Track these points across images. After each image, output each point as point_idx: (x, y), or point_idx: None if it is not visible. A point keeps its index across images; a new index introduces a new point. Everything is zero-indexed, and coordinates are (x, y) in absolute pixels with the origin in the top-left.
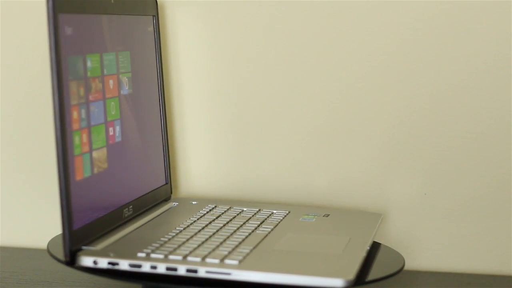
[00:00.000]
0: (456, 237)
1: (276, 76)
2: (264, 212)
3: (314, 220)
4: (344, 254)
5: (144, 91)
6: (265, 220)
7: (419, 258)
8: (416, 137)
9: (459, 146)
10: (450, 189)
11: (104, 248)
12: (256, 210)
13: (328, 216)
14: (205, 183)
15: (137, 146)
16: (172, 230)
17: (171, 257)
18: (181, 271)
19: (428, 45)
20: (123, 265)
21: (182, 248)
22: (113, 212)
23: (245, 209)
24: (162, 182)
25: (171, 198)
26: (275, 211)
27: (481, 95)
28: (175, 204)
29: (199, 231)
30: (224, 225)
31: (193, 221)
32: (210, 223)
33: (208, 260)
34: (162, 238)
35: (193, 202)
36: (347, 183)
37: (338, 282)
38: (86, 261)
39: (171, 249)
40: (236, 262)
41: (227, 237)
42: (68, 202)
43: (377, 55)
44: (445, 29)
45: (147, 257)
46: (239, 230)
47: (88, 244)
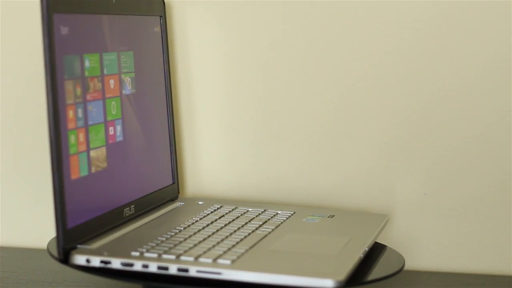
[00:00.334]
0: (456, 237)
1: (280, 77)
2: (269, 213)
3: (318, 221)
4: (340, 255)
5: (149, 91)
6: (268, 220)
7: (419, 258)
8: (416, 137)
9: (459, 146)
10: (450, 189)
11: (100, 247)
12: (261, 211)
13: (333, 217)
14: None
15: (140, 146)
16: (172, 230)
17: (165, 256)
18: (173, 270)
19: (428, 45)
20: (115, 263)
21: (177, 247)
22: (112, 212)
23: (250, 209)
24: (168, 182)
25: (178, 198)
26: (280, 212)
27: (481, 95)
28: (180, 204)
29: (198, 231)
30: (225, 225)
31: (195, 221)
32: (211, 223)
33: (201, 259)
34: (160, 238)
35: (200, 202)
36: (347, 184)
37: (328, 283)
38: (79, 260)
39: (166, 248)
40: (228, 262)
41: (226, 237)
42: (62, 201)
43: (378, 55)
44: (445, 29)
45: (141, 256)
46: (239, 230)
47: (84, 242)
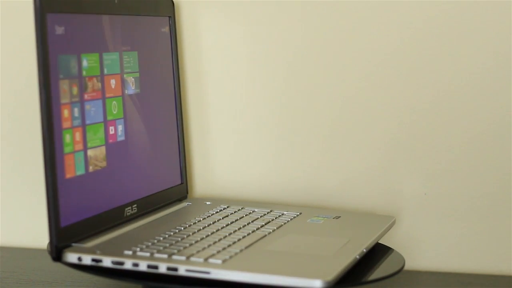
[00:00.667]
0: (456, 237)
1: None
2: (274, 213)
3: (322, 222)
4: (335, 255)
5: (156, 91)
6: (272, 221)
7: (419, 258)
8: (416, 137)
9: (460, 146)
10: (450, 189)
11: (96, 245)
12: (267, 211)
13: (338, 218)
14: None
15: (145, 145)
16: (171, 229)
17: (157, 255)
18: (162, 269)
19: (429, 45)
20: (106, 262)
21: (172, 246)
22: (112, 211)
23: (256, 210)
24: (177, 182)
25: (186, 198)
26: (286, 212)
27: (482, 95)
28: (188, 204)
29: (198, 230)
30: (226, 225)
31: (197, 220)
32: (213, 223)
33: (192, 259)
34: (157, 237)
35: (207, 203)
36: (350, 185)
37: (317, 283)
38: (71, 258)
39: (161, 247)
40: (219, 262)
41: (224, 237)
42: (55, 199)
43: (379, 55)
44: (445, 29)
45: (133, 254)
46: (240, 230)
47: (81, 240)
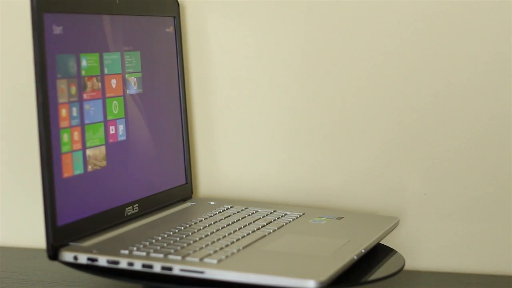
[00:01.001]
0: (456, 237)
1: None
2: (277, 214)
3: (324, 222)
4: (332, 256)
5: (160, 91)
6: (273, 221)
7: (419, 258)
8: (416, 137)
9: (459, 146)
10: (450, 189)
11: (94, 244)
12: (270, 211)
13: (341, 218)
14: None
15: (147, 145)
16: (171, 229)
17: (153, 255)
18: (157, 268)
19: (429, 45)
20: (102, 261)
21: (170, 246)
22: (112, 210)
23: (260, 210)
24: (181, 182)
25: (191, 198)
26: (289, 213)
27: (481, 95)
28: (192, 204)
29: (198, 230)
30: (227, 225)
31: (198, 220)
32: (214, 223)
33: (188, 258)
34: (155, 236)
35: (211, 203)
36: (350, 185)
37: (309, 283)
38: (67, 257)
39: (158, 247)
40: (214, 262)
41: (223, 237)
42: (52, 198)
43: (380, 55)
44: (445, 29)
45: (129, 254)
46: (240, 230)
47: (79, 239)
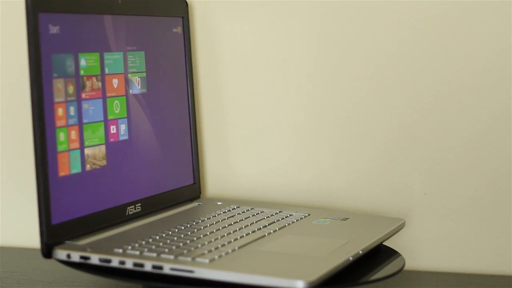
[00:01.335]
0: (456, 237)
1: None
2: (282, 214)
3: (328, 223)
4: (326, 256)
5: (166, 91)
6: (277, 221)
7: (419, 258)
8: (416, 137)
9: (459, 146)
10: (450, 189)
11: (91, 243)
12: (275, 212)
13: (346, 220)
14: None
15: (151, 145)
16: (171, 228)
17: (146, 253)
18: (148, 267)
19: (428, 45)
20: (94, 259)
21: (164, 245)
22: (112, 209)
23: (265, 210)
24: (189, 182)
25: (199, 198)
26: (294, 213)
27: (481, 95)
28: (198, 204)
29: (197, 230)
30: (229, 225)
31: (200, 220)
32: (216, 223)
33: (180, 258)
34: (153, 236)
35: (218, 203)
36: (354, 185)
37: (298, 284)
38: (60, 255)
39: (153, 246)
40: (206, 261)
41: (221, 236)
42: (46, 197)
43: (380, 55)
44: (445, 29)
45: (123, 253)
46: (240, 230)
47: (77, 238)
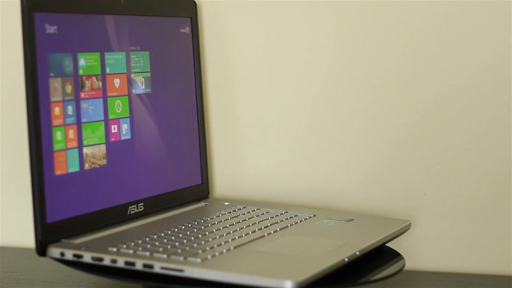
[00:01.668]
0: (456, 237)
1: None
2: (288, 215)
3: (332, 224)
4: (320, 257)
5: (173, 91)
6: (279, 222)
7: (419, 258)
8: (416, 137)
9: (459, 146)
10: (450, 189)
11: (88, 241)
12: (280, 212)
13: (351, 221)
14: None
15: (155, 144)
16: (171, 228)
17: (139, 252)
18: (139, 266)
19: (428, 45)
20: (87, 258)
21: (160, 244)
22: (112, 208)
23: (271, 210)
24: (196, 182)
25: (208, 198)
26: (300, 214)
27: (482, 95)
28: (205, 204)
29: (197, 230)
30: (230, 225)
31: (202, 220)
32: (218, 223)
33: (172, 257)
34: (151, 235)
35: (225, 203)
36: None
37: (286, 284)
38: (54, 253)
39: (148, 245)
40: (198, 260)
41: (220, 236)
42: (41, 195)
43: (380, 55)
44: (445, 29)
45: (117, 251)
46: (241, 230)
47: (75, 236)
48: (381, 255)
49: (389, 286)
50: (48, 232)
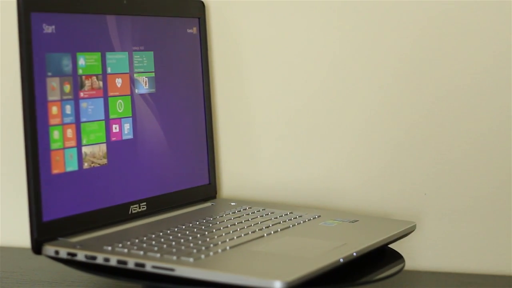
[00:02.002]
0: (456, 237)
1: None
2: (292, 215)
3: (335, 225)
4: (315, 257)
5: (179, 91)
6: (282, 222)
7: (419, 258)
8: (416, 137)
9: (460, 146)
10: (450, 189)
11: (85, 240)
12: (285, 213)
13: (355, 222)
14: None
15: (159, 144)
16: (171, 228)
17: (134, 251)
18: (130, 264)
19: (429, 45)
20: (80, 256)
21: (157, 244)
22: (113, 208)
23: (276, 211)
24: (203, 182)
25: (215, 198)
26: (304, 215)
27: (482, 96)
28: (212, 204)
29: (197, 230)
30: (231, 225)
31: (205, 220)
32: (219, 223)
33: (165, 256)
34: (149, 234)
35: (232, 203)
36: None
37: (276, 284)
38: (49, 251)
39: (144, 244)
40: (191, 260)
41: (218, 236)
42: (37, 194)
43: (380, 56)
44: (447, 30)
45: (112, 250)
46: (241, 230)
47: (71, 235)
48: (381, 255)
49: (389, 286)
50: (44, 230)
